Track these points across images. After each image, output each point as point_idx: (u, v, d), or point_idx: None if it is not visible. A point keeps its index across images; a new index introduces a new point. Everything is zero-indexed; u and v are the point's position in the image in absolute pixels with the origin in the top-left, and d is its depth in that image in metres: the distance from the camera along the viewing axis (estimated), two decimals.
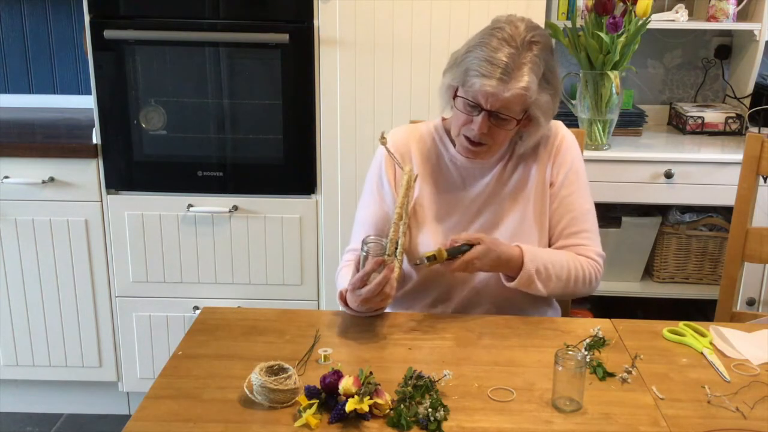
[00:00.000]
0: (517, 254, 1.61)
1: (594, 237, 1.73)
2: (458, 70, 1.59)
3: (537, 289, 1.63)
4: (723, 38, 2.88)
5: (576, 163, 1.73)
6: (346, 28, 2.38)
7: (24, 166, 2.48)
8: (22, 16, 2.93)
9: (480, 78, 1.53)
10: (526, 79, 1.54)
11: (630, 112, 2.72)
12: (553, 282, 1.64)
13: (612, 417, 1.28)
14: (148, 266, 2.56)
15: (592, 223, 1.73)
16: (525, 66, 1.54)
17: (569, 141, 1.75)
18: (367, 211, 1.76)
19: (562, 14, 2.61)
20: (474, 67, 1.55)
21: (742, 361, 1.47)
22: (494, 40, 1.55)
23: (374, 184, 1.77)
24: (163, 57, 2.45)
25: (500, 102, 1.55)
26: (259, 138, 2.49)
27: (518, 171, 1.72)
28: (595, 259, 1.70)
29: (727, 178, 2.42)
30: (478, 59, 1.54)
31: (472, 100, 1.57)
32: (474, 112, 1.59)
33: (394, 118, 2.40)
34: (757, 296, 2.58)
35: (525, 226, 1.70)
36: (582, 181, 1.73)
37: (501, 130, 1.60)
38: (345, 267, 1.74)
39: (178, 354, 1.47)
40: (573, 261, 1.67)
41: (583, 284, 1.68)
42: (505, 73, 1.53)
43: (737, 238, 1.97)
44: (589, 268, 1.68)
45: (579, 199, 1.72)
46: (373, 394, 1.24)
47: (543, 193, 1.72)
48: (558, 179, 1.71)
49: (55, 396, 2.77)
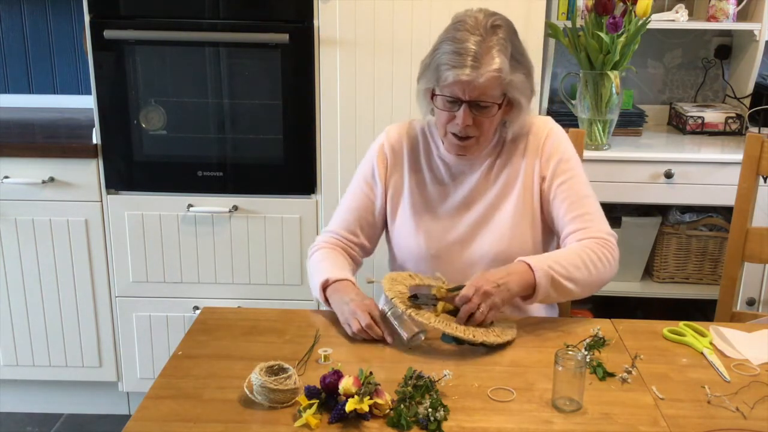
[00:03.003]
0: (519, 264, 1.57)
1: (597, 218, 1.68)
2: (430, 72, 1.62)
3: (565, 289, 1.57)
4: (723, 38, 2.88)
5: (566, 152, 1.72)
6: (346, 28, 2.38)
7: (24, 166, 2.48)
8: (22, 16, 2.93)
9: (452, 70, 1.55)
10: (497, 60, 1.56)
11: (630, 112, 2.72)
12: (575, 273, 1.57)
13: (612, 417, 1.28)
14: (148, 266, 2.56)
15: (592, 206, 1.69)
16: (493, 49, 1.56)
17: (556, 133, 1.74)
18: (354, 198, 1.79)
19: (562, 14, 2.61)
20: (444, 62, 1.57)
21: (742, 361, 1.47)
22: (458, 33, 1.58)
23: (366, 175, 1.79)
24: (163, 57, 2.45)
25: (477, 89, 1.56)
26: (259, 138, 2.49)
27: (507, 166, 1.73)
28: (603, 237, 1.64)
29: (727, 178, 2.42)
30: (447, 54, 1.57)
31: (450, 95, 1.59)
32: (454, 108, 1.61)
33: (394, 118, 2.40)
34: (757, 296, 2.58)
35: (516, 220, 1.70)
36: (575, 169, 1.71)
37: (484, 119, 1.62)
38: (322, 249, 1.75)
39: (178, 354, 1.47)
40: (580, 248, 1.62)
41: (603, 266, 1.61)
42: (475, 59, 1.55)
43: (737, 238, 1.97)
44: (599, 249, 1.62)
45: (575, 186, 1.70)
46: (373, 394, 1.24)
47: (532, 187, 1.71)
48: (549, 171, 1.71)
49: (55, 396, 2.77)
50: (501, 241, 1.70)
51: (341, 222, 1.79)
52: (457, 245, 1.73)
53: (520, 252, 1.67)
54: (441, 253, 1.73)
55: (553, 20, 2.58)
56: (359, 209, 1.79)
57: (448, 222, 1.74)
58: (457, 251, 1.72)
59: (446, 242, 1.73)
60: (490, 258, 1.70)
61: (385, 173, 1.77)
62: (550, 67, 2.68)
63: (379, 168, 1.77)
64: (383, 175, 1.77)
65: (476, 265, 1.70)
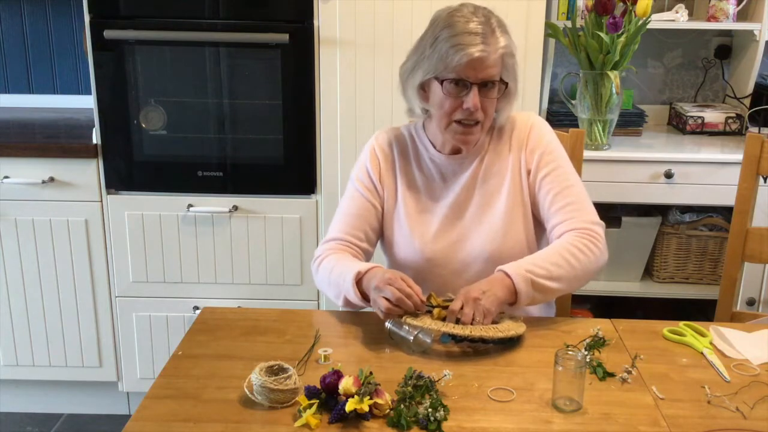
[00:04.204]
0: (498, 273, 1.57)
1: (582, 207, 1.67)
2: (431, 61, 1.61)
3: (548, 288, 1.56)
4: (723, 38, 2.88)
5: (549, 144, 1.72)
6: (346, 28, 2.38)
7: (24, 166, 2.48)
8: (22, 16, 2.94)
9: (465, 49, 1.56)
10: (502, 39, 1.60)
11: (630, 112, 2.72)
12: (556, 272, 1.56)
13: (612, 417, 1.28)
14: (148, 266, 2.56)
15: (577, 196, 1.68)
16: (496, 30, 1.60)
17: (539, 125, 1.75)
18: (354, 204, 1.76)
19: (562, 14, 2.61)
20: (452, 44, 1.57)
21: (742, 361, 1.47)
22: (458, 19, 1.59)
23: (363, 180, 1.77)
24: (163, 57, 2.45)
25: (488, 68, 1.58)
26: (259, 138, 2.49)
27: (496, 164, 1.73)
28: (586, 227, 1.63)
29: (727, 178, 2.42)
30: (453, 36, 1.57)
31: (459, 77, 1.59)
32: (462, 92, 1.60)
33: (394, 119, 2.40)
34: (757, 296, 2.58)
35: (508, 217, 1.70)
36: (558, 160, 1.71)
37: (489, 100, 1.63)
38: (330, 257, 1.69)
39: (178, 354, 1.47)
40: (560, 245, 1.61)
41: (587, 257, 1.60)
42: (484, 38, 1.57)
43: (737, 238, 1.97)
44: (580, 241, 1.61)
45: (558, 177, 1.69)
46: (373, 394, 1.24)
47: (520, 183, 1.72)
48: (533, 164, 1.71)
49: (55, 396, 2.77)
50: (495, 240, 1.69)
51: (344, 227, 1.74)
52: (452, 247, 1.72)
53: (514, 249, 1.67)
54: (436, 255, 1.72)
55: (553, 20, 2.58)
56: (362, 215, 1.75)
57: (442, 224, 1.73)
58: (452, 252, 1.72)
59: (441, 244, 1.72)
60: (485, 258, 1.69)
61: (380, 178, 1.77)
62: (550, 67, 2.68)
63: (374, 173, 1.77)
64: (379, 179, 1.77)
65: (471, 266, 1.70)
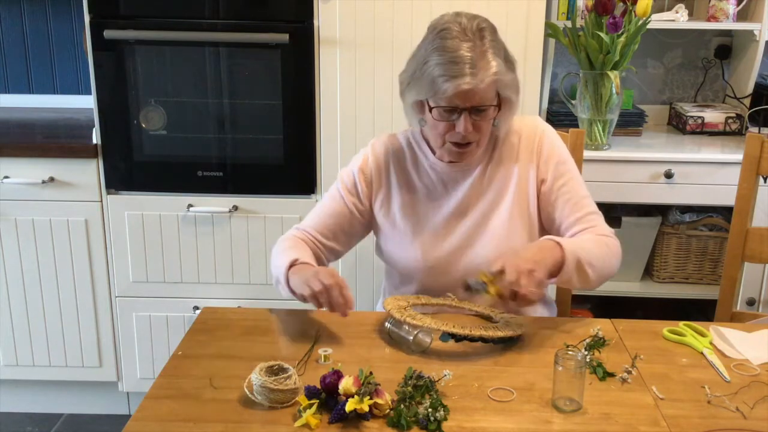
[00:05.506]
0: (548, 241, 1.54)
1: (599, 218, 1.70)
2: (421, 84, 1.57)
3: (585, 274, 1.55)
4: (723, 38, 2.88)
5: (561, 154, 1.72)
6: (346, 28, 2.38)
7: (24, 166, 2.48)
8: (22, 16, 2.93)
9: (452, 80, 1.51)
10: (493, 64, 1.53)
11: (630, 112, 2.72)
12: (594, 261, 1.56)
13: (612, 417, 1.28)
14: (148, 266, 2.56)
15: (593, 206, 1.70)
16: (487, 52, 1.53)
17: (549, 134, 1.73)
18: (333, 203, 1.76)
19: (562, 14, 2.61)
20: (439, 73, 1.52)
21: (742, 361, 1.47)
22: (447, 42, 1.53)
23: (348, 185, 1.76)
24: (163, 57, 2.45)
25: (478, 95, 1.54)
26: (259, 138, 2.49)
27: (500, 170, 1.71)
28: (609, 235, 1.66)
29: (727, 178, 2.42)
30: (441, 64, 1.52)
31: (449, 104, 1.55)
32: (453, 116, 1.57)
33: (394, 118, 2.40)
34: (757, 296, 2.58)
35: (512, 225, 1.69)
36: (572, 170, 1.72)
37: (483, 121, 1.60)
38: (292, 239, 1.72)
39: (178, 354, 1.47)
40: (596, 238, 1.63)
41: (610, 260, 1.62)
42: (472, 66, 1.51)
43: (737, 238, 1.97)
44: (610, 241, 1.64)
45: (575, 186, 1.70)
46: (373, 394, 1.24)
47: (527, 190, 1.70)
48: (549, 174, 1.70)
49: (55, 396, 2.77)
50: (498, 248, 1.68)
51: (316, 224, 1.76)
52: (453, 254, 1.71)
53: None
54: (438, 263, 1.71)
55: (553, 20, 2.58)
56: (338, 215, 1.75)
57: (443, 231, 1.71)
58: (454, 260, 1.70)
59: (442, 252, 1.71)
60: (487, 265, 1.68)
61: (370, 192, 1.75)
62: (550, 67, 2.68)
63: (361, 184, 1.75)
64: (367, 194, 1.75)
65: (473, 274, 1.69)
